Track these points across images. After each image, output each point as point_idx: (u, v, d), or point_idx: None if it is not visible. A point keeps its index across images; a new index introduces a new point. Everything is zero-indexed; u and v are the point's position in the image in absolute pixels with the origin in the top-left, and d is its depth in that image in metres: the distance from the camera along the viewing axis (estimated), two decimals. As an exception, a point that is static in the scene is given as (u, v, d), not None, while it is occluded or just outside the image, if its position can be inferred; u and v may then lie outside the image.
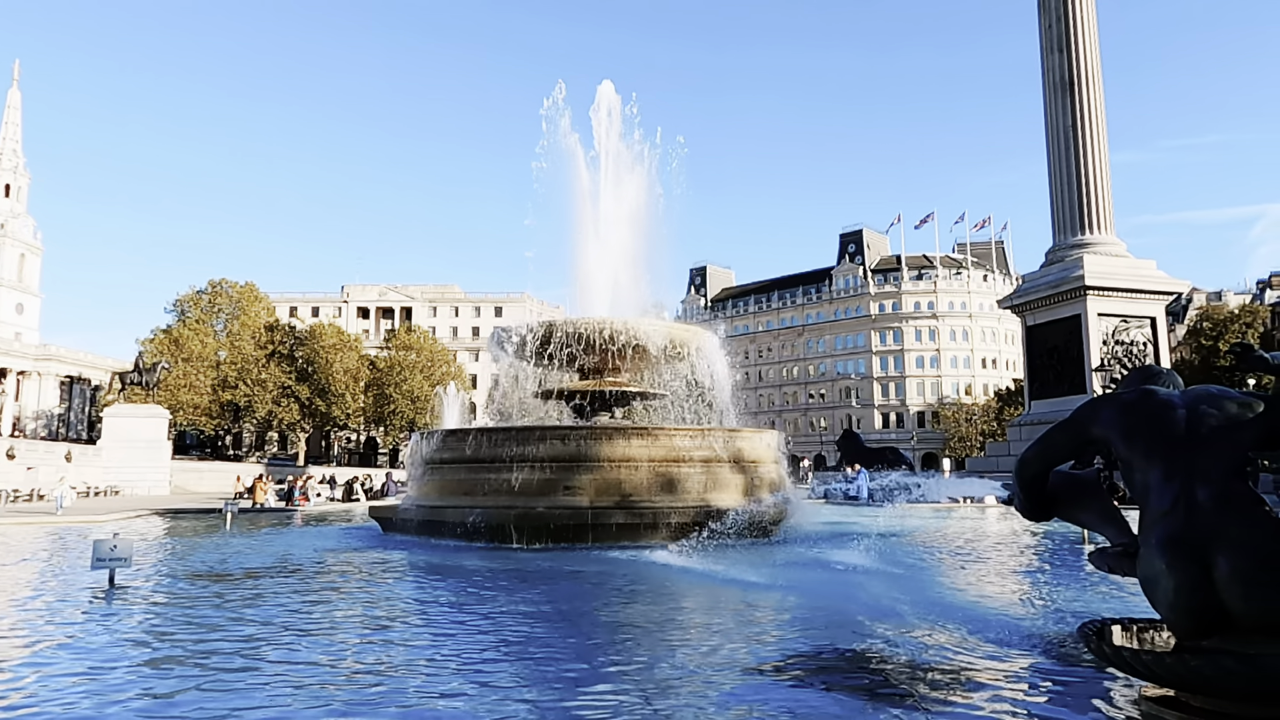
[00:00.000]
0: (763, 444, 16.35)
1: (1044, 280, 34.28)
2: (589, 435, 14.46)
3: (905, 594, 8.20)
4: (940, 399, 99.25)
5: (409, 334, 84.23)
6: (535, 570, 10.51)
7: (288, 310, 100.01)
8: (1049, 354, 33.85)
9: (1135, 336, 32.29)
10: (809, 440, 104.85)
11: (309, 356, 75.62)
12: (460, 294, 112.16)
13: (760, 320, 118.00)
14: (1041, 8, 35.58)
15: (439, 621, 7.10)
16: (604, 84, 20.01)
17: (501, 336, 17.91)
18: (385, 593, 9.06)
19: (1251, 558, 3.47)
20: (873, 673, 5.12)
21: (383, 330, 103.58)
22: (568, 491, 13.84)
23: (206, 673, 5.11)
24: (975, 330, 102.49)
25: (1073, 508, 4.79)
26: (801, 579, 9.75)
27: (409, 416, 74.23)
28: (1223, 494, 3.68)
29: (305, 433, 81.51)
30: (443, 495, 15.29)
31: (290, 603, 8.06)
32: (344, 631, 6.63)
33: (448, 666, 5.31)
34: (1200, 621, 3.62)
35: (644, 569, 10.68)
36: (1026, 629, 6.44)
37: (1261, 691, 3.44)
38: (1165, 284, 33.68)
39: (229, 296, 79.47)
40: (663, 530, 13.19)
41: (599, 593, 8.91)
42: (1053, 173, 35.20)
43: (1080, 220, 33.96)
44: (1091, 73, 34.23)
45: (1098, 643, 3.93)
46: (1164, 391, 4.24)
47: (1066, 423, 4.50)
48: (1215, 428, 3.87)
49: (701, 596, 8.89)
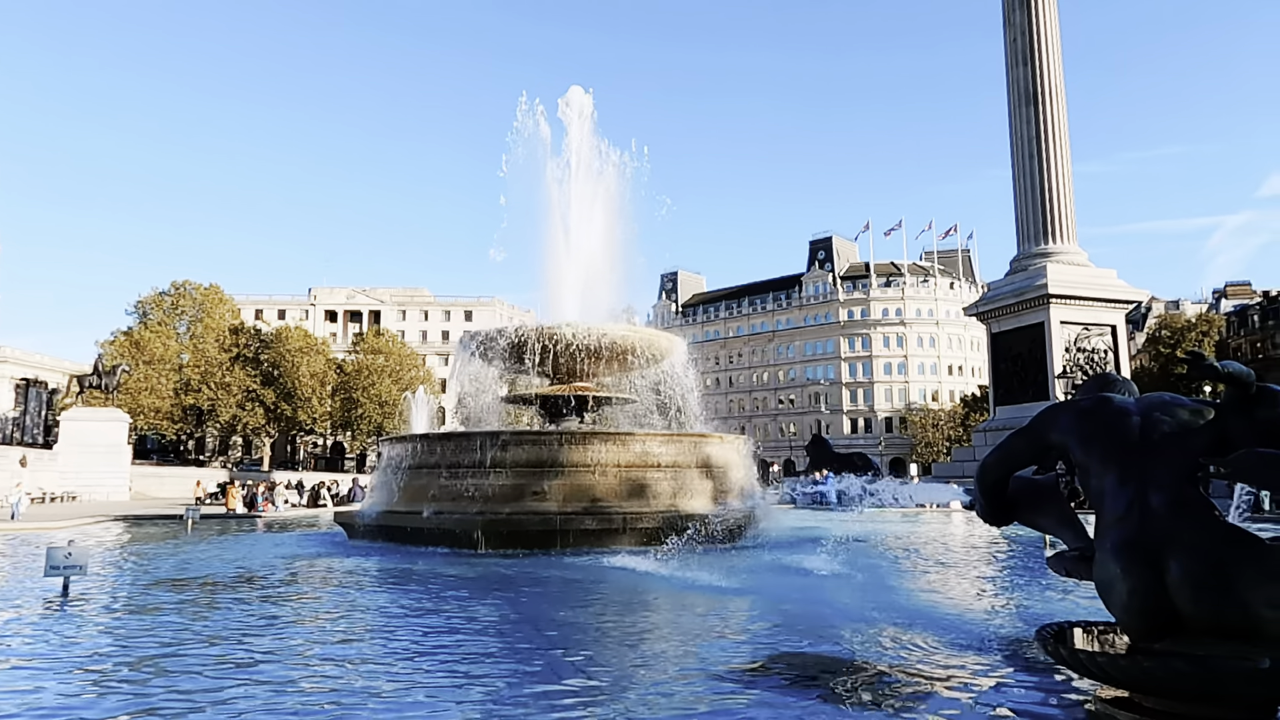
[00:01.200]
0: (731, 449, 16.41)
1: (1009, 288, 34.89)
2: (557, 440, 14.41)
3: (871, 598, 8.28)
4: (908, 405, 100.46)
5: (377, 337, 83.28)
6: (502, 577, 10.43)
7: (253, 313, 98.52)
8: (1013, 361, 34.44)
9: (1096, 344, 32.98)
10: (779, 445, 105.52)
11: (275, 360, 74.48)
12: (430, 297, 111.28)
13: (731, 326, 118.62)
14: (1007, 22, 36.28)
15: (401, 631, 7.00)
16: (573, 88, 20.03)
17: (470, 340, 17.80)
18: (348, 601, 8.90)
19: (1202, 562, 3.55)
20: (837, 677, 5.16)
21: (351, 334, 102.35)
22: (536, 497, 13.77)
23: (157, 689, 4.97)
24: (942, 337, 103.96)
25: (1032, 512, 4.87)
26: (769, 584, 9.80)
27: (377, 421, 73.38)
28: (1175, 499, 3.77)
29: (270, 437, 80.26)
30: (409, 501, 15.13)
31: (250, 613, 7.88)
32: (304, 642, 6.50)
33: (409, 677, 5.24)
34: (1153, 624, 3.70)
35: (612, 575, 10.65)
36: (988, 632, 6.53)
37: (1210, 692, 3.52)
38: (1125, 293, 34.46)
39: (192, 298, 77.97)
40: (631, 536, 13.18)
41: (566, 600, 8.86)
42: (1017, 183, 35.87)
43: (1044, 230, 34.63)
44: (1054, 86, 34.96)
45: (1054, 645, 4.00)
46: (1120, 399, 4.32)
47: (1026, 429, 4.58)
48: (1168, 434, 3.96)
49: (669, 602, 8.89)
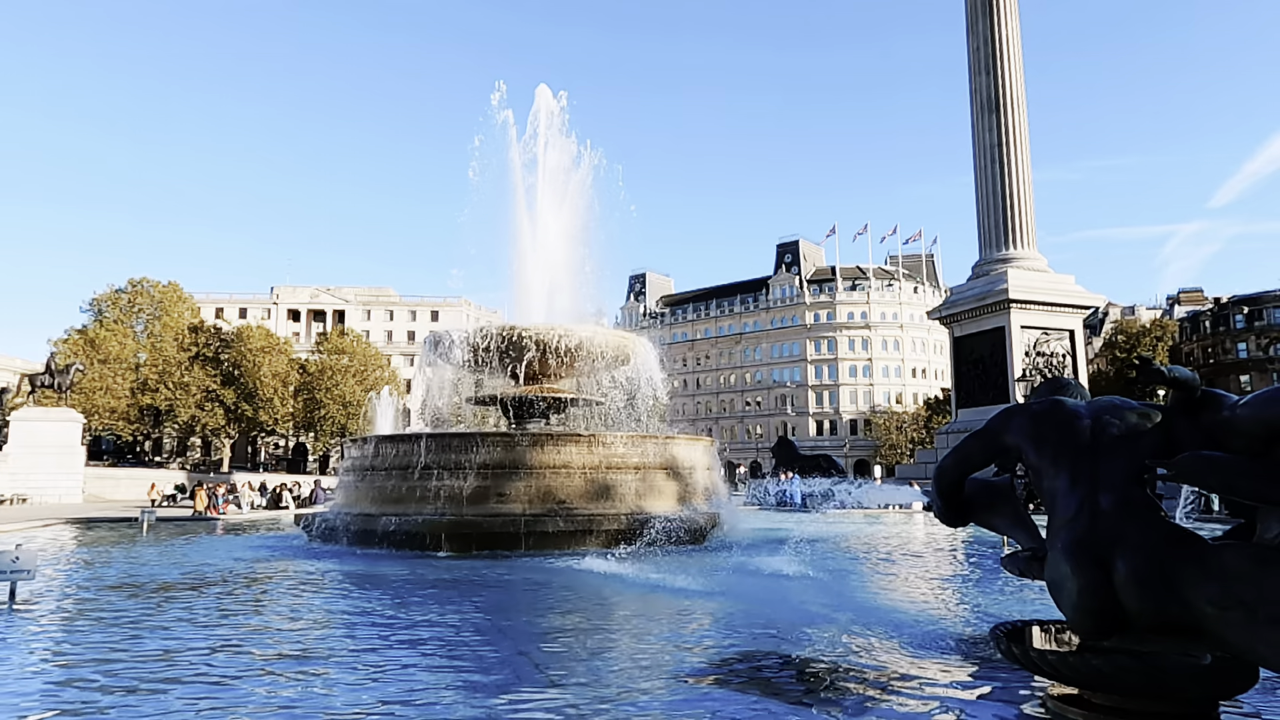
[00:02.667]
0: (697, 451, 16.47)
1: (970, 293, 35.47)
2: (522, 442, 14.35)
3: (833, 599, 8.38)
4: (872, 407, 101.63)
5: (341, 337, 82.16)
6: (466, 579, 10.36)
7: (213, 311, 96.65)
8: (975, 364, 35.01)
9: (1055, 348, 33.65)
10: (745, 447, 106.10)
11: (235, 359, 73.16)
12: (395, 297, 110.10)
13: (699, 328, 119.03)
14: (970, 31, 36.91)
15: (360, 635, 6.91)
16: (541, 88, 19.99)
17: (436, 341, 17.66)
18: (306, 605, 8.76)
19: (1147, 561, 3.65)
20: (797, 677, 5.21)
21: (314, 333, 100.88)
22: (501, 499, 13.70)
23: (100, 696, 4.85)
24: (906, 340, 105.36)
25: (987, 513, 4.96)
26: (733, 585, 9.85)
27: (341, 422, 72.41)
28: (1123, 500, 3.86)
29: (230, 438, 78.80)
30: (373, 503, 14.97)
31: (204, 618, 7.71)
32: (259, 649, 6.38)
33: (367, 683, 5.18)
34: (1101, 622, 3.79)
35: (577, 577, 10.64)
36: (945, 631, 6.64)
37: (1155, 688, 3.63)
38: (1083, 298, 35.21)
39: (150, 296, 76.28)
40: (597, 537, 13.18)
41: (531, 602, 8.83)
42: (979, 189, 36.50)
43: (1005, 236, 35.28)
44: (1016, 94, 35.64)
45: (1007, 644, 4.08)
46: (1071, 402, 4.42)
47: (981, 432, 4.67)
48: (1117, 437, 4.06)
49: (634, 604, 8.89)
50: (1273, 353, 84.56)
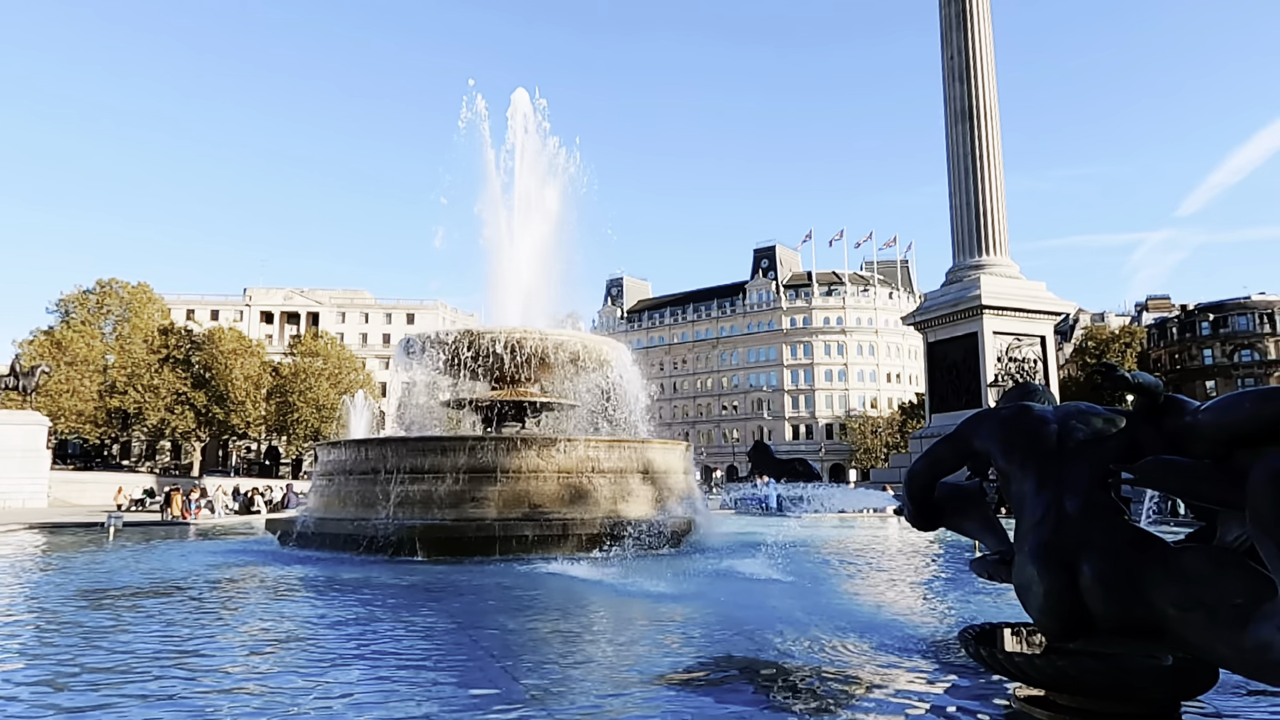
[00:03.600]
0: (673, 455, 16.49)
1: (944, 299, 35.87)
2: (497, 446, 14.28)
3: (806, 603, 8.41)
4: (848, 411, 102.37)
5: (315, 340, 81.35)
6: (439, 585, 10.28)
7: (184, 313, 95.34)
8: (948, 369, 35.39)
9: (1027, 354, 34.11)
10: (722, 451, 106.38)
11: (206, 361, 72.15)
12: (370, 300, 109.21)
13: (676, 332, 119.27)
14: (945, 41, 37.37)
15: (331, 642, 6.81)
16: (518, 91, 19.95)
17: (411, 344, 17.54)
18: (275, 612, 8.64)
19: (1111, 564, 3.70)
20: (769, 680, 5.23)
21: (288, 336, 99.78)
22: (475, 503, 13.62)
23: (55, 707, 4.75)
24: (881, 345, 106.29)
25: (957, 517, 5.01)
26: (708, 589, 9.86)
27: (314, 425, 71.60)
28: (1088, 504, 3.92)
29: (201, 442, 77.66)
30: (345, 507, 14.82)
31: (170, 625, 7.56)
32: (228, 655, 6.28)
33: (338, 691, 5.11)
34: (1067, 624, 3.84)
35: (551, 581, 10.60)
36: (917, 634, 6.69)
37: (1120, 689, 3.69)
38: (1054, 305, 35.73)
39: (119, 297, 75.00)
40: (572, 542, 13.14)
41: (504, 607, 8.78)
42: (953, 196, 36.93)
43: (978, 243, 35.72)
44: (989, 103, 36.13)
45: (975, 646, 4.12)
46: (1039, 407, 4.48)
47: (951, 437, 4.72)
48: (1082, 442, 4.12)
49: (608, 608, 8.88)
50: (1237, 359, 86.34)
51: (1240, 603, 3.34)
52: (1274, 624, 3.16)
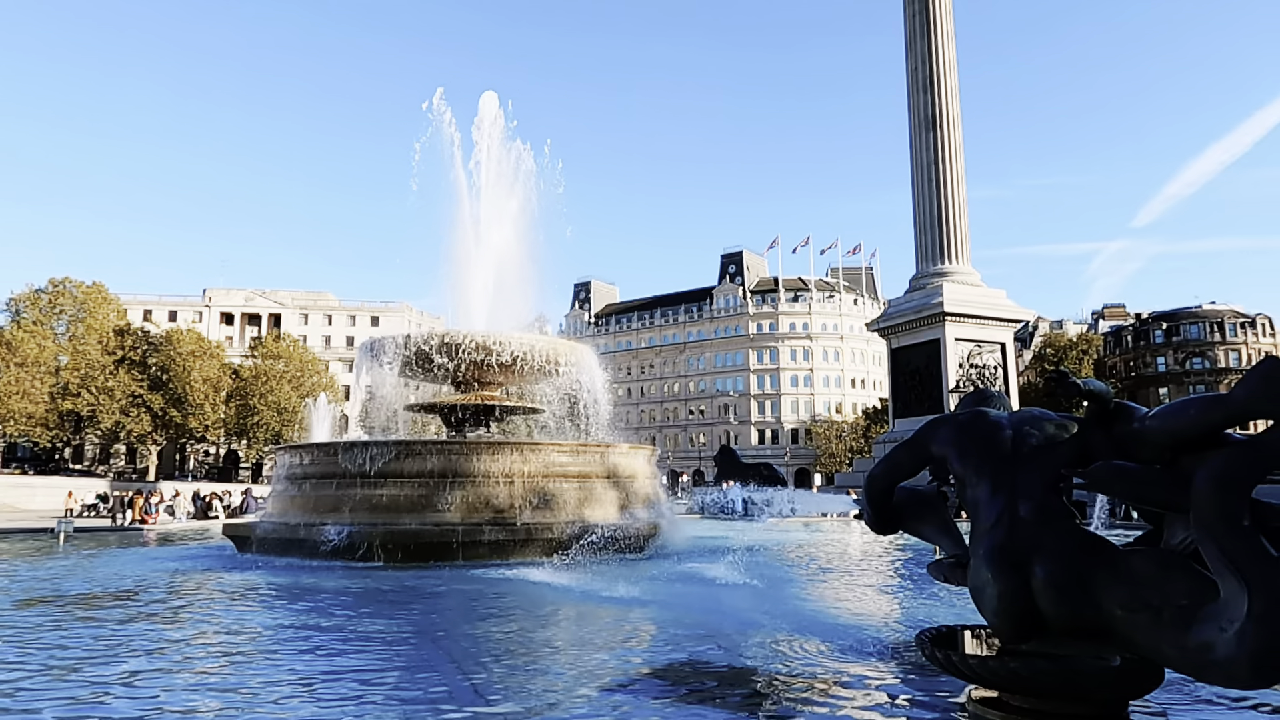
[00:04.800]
0: (639, 459, 16.49)
1: (907, 306, 36.36)
2: (461, 450, 14.16)
3: (769, 606, 8.45)
4: (813, 416, 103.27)
5: (277, 342, 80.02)
6: (401, 590, 10.16)
7: (141, 313, 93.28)
8: (911, 375, 35.87)
9: (987, 360, 34.69)
10: (689, 456, 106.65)
11: (164, 363, 70.56)
12: (334, 301, 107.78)
13: (643, 336, 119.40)
14: (909, 51, 37.96)
15: (287, 650, 6.68)
16: (486, 94, 19.85)
17: (374, 347, 17.33)
18: (230, 620, 8.44)
19: (1063, 567, 3.77)
20: (729, 683, 5.25)
21: (249, 337, 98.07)
22: (438, 508, 13.49)
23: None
24: (846, 351, 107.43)
25: (915, 521, 5.07)
26: (673, 594, 9.87)
27: (275, 429, 70.43)
28: (1041, 508, 3.99)
29: (157, 445, 75.87)
30: (305, 512, 14.58)
31: (118, 633, 7.35)
32: (175, 664, 6.09)
33: (295, 702, 5.01)
34: (1020, 626, 3.90)
35: (515, 587, 10.53)
36: (877, 637, 6.76)
37: (1070, 689, 3.76)
38: (1015, 312, 36.40)
39: (73, 297, 73.10)
40: (537, 547, 13.07)
41: (466, 612, 8.70)
42: (917, 204, 37.49)
43: (941, 250, 36.28)
44: (952, 113, 36.75)
45: (931, 649, 4.17)
46: (994, 413, 4.56)
47: (909, 442, 4.77)
48: (1035, 447, 4.20)
49: (571, 614, 8.84)
50: (1189, 366, 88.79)
51: (1184, 604, 3.42)
52: (1216, 625, 3.25)
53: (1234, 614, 3.17)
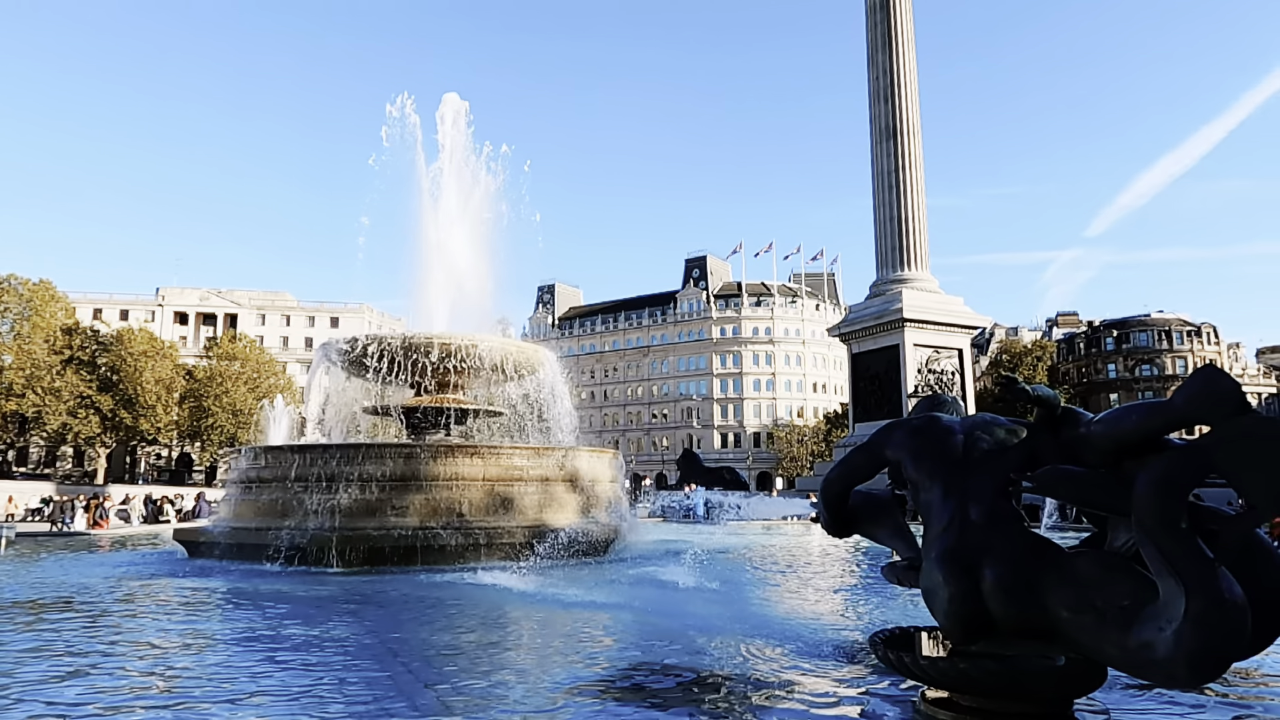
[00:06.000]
0: (600, 463, 16.47)
1: (868, 312, 36.87)
2: (421, 453, 14.02)
3: (728, 609, 8.51)
4: (775, 421, 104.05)
5: (233, 342, 78.40)
6: (357, 595, 10.01)
7: (91, 312, 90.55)
8: (871, 380, 36.37)
9: (945, 366, 35.32)
10: (651, 459, 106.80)
11: (114, 363, 68.71)
12: (292, 302, 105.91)
13: (607, 340, 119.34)
14: (870, 61, 38.54)
15: (238, 658, 6.53)
16: (449, 95, 19.73)
17: (331, 348, 17.08)
18: (179, 625, 8.23)
19: (1011, 569, 3.86)
20: (689, 687, 5.27)
21: (203, 338, 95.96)
22: (397, 512, 13.33)
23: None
24: (808, 356, 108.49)
25: (870, 524, 5.14)
26: (633, 597, 9.87)
27: (230, 431, 68.97)
28: (990, 512, 4.07)
29: (106, 448, 73.84)
30: (260, 516, 14.30)
31: (56, 644, 7.07)
32: (119, 677, 5.85)
33: (246, 713, 4.90)
34: (969, 628, 3.97)
35: (474, 591, 10.45)
36: (833, 640, 6.84)
37: (1016, 688, 3.84)
38: (972, 319, 37.12)
39: (18, 295, 70.69)
40: (497, 551, 12.99)
41: (424, 619, 8.61)
42: (877, 212, 38.06)
43: (900, 257, 36.87)
44: (912, 123, 37.39)
45: (883, 650, 4.23)
46: (947, 418, 4.64)
47: (865, 446, 4.84)
48: (986, 452, 4.28)
49: (531, 618, 8.80)
50: (1138, 373, 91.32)
51: (1126, 605, 3.52)
52: (1156, 625, 3.34)
53: (1172, 614, 3.27)
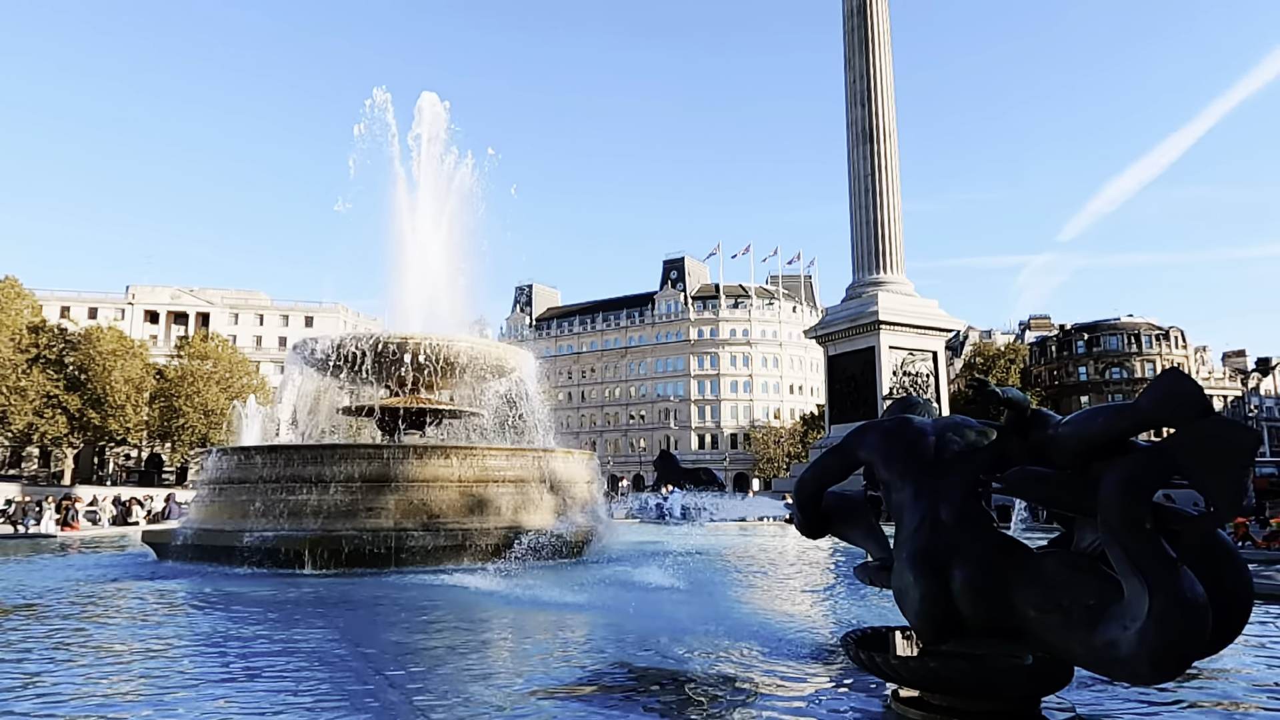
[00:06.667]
0: (576, 464, 16.43)
1: (844, 314, 37.16)
2: (395, 454, 13.91)
3: (702, 610, 8.52)
4: (752, 422, 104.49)
5: (205, 342, 77.27)
6: (330, 598, 9.91)
7: (59, 310, 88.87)
8: (847, 382, 36.66)
9: (920, 368, 35.69)
10: (629, 460, 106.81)
11: (82, 362, 67.47)
12: (266, 301, 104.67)
13: (585, 341, 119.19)
14: (847, 65, 38.85)
15: (206, 664, 6.39)
16: (426, 94, 19.57)
17: (305, 348, 16.89)
18: (145, 630, 8.07)
19: (980, 569, 3.91)
20: (661, 688, 5.27)
21: (175, 337, 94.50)
22: (371, 513, 13.21)
23: None
24: (785, 358, 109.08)
25: (843, 525, 5.18)
26: (608, 598, 9.87)
27: (201, 432, 67.98)
28: (960, 512, 4.12)
29: (74, 448, 72.50)
30: (231, 518, 14.11)
31: (14, 649, 6.98)
32: (83, 684, 5.72)
33: (212, 714, 4.84)
34: (940, 627, 4.02)
35: (449, 593, 10.39)
36: (808, 640, 6.88)
37: (985, 687, 3.89)
38: (946, 322, 37.54)
39: (-18, 292, 69.41)
40: (472, 552, 12.92)
41: (397, 620, 8.54)
42: (854, 215, 38.36)
43: (876, 260, 37.20)
44: (888, 127, 37.74)
45: (855, 650, 4.27)
46: (919, 420, 4.69)
47: (838, 447, 4.88)
48: (957, 453, 4.33)
49: (507, 620, 8.76)
50: (1108, 376, 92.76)
51: (1092, 604, 3.58)
52: (1120, 624, 3.40)
53: (1136, 613, 3.33)
